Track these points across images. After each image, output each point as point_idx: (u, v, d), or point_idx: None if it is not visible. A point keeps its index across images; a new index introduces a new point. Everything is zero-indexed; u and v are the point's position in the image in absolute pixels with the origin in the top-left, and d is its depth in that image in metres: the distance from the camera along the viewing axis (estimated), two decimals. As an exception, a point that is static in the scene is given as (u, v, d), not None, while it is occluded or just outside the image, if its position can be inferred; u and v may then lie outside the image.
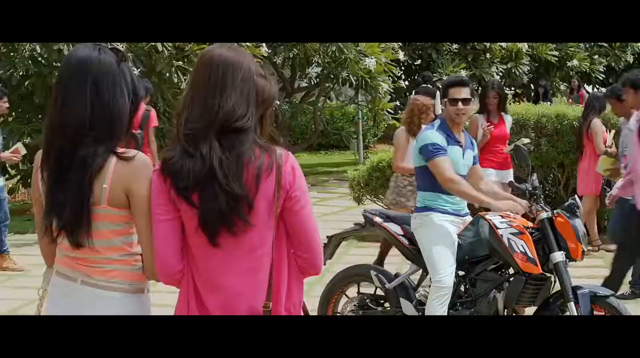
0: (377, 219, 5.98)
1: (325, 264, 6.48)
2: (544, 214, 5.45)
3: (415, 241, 5.77)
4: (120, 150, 2.85)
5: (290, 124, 17.88)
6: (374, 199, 11.03)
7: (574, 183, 10.01)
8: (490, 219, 5.47)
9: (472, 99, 5.67)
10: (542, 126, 10.07)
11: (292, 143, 17.84)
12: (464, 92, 5.63)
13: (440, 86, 6.57)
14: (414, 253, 5.78)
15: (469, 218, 5.71)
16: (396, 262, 7.93)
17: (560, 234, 5.38)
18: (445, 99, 5.69)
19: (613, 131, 9.51)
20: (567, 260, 5.37)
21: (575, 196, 5.72)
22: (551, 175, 10.28)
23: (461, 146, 5.68)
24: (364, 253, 9.48)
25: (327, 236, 6.34)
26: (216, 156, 2.66)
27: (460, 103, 5.60)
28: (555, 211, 5.48)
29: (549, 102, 15.46)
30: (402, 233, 5.86)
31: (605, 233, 10.25)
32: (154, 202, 2.79)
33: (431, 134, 5.61)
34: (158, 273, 2.84)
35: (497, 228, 5.42)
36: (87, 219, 2.81)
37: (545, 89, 18.02)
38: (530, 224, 5.56)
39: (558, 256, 5.32)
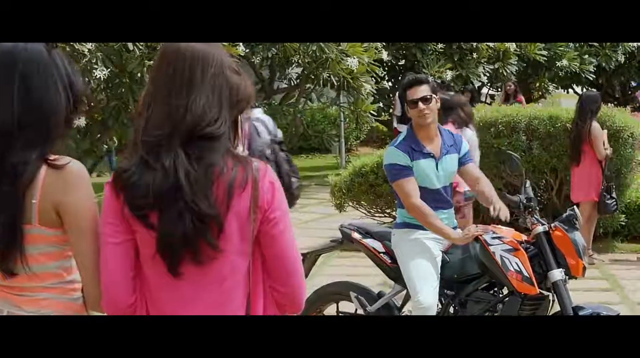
0: (356, 235, 5.61)
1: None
2: (540, 228, 5.11)
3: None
4: (52, 157, 2.42)
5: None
6: (357, 206, 10.72)
7: (568, 189, 9.70)
8: (481, 235, 5.10)
9: (434, 96, 5.27)
10: (534, 129, 9.72)
11: (272, 146, 17.54)
12: (422, 91, 5.24)
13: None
14: (396, 272, 5.40)
15: (458, 232, 5.31)
16: (375, 273, 7.53)
17: (558, 249, 5.04)
18: (406, 104, 5.31)
19: (605, 131, 9.18)
20: (567, 277, 5.02)
21: (574, 207, 5.37)
22: (543, 181, 9.95)
23: (433, 157, 5.27)
24: (347, 264, 9.14)
25: (302, 254, 5.86)
26: (182, 168, 2.27)
27: (420, 103, 5.21)
28: (552, 224, 5.13)
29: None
30: (383, 250, 5.49)
31: (601, 242, 9.97)
32: (104, 220, 2.38)
33: (392, 154, 5.27)
34: (105, 305, 2.43)
35: (489, 245, 5.06)
36: (21, 242, 2.39)
37: (472, 94, 16.67)
38: (524, 237, 5.21)
39: (557, 274, 4.97)
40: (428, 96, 5.24)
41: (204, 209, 2.28)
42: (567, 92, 23.38)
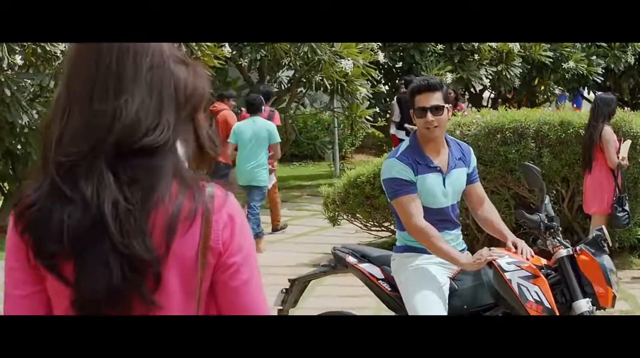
0: (350, 259, 5.18)
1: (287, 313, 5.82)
2: (563, 251, 4.73)
3: None
4: None
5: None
6: (351, 219, 10.35)
7: (580, 200, 9.30)
8: (494, 260, 4.65)
9: (446, 106, 4.78)
10: (544, 135, 9.30)
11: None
12: (434, 99, 4.73)
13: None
14: (397, 301, 4.97)
15: (467, 256, 4.87)
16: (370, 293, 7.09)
17: (584, 276, 4.69)
18: (412, 111, 4.82)
19: (629, 141, 8.71)
20: (594, 308, 4.69)
21: (603, 227, 4.98)
22: (554, 191, 9.52)
23: (440, 171, 4.81)
24: (338, 283, 8.63)
25: (289, 280, 5.55)
26: (108, 196, 1.74)
27: (429, 113, 4.70)
28: (577, 247, 4.76)
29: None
30: (383, 277, 5.05)
31: (617, 258, 9.53)
32: (6, 265, 1.86)
33: (393, 166, 4.78)
34: None
35: (504, 271, 4.62)
36: None
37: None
38: (543, 261, 4.79)
39: (583, 305, 4.61)
40: (439, 106, 4.74)
41: (138, 253, 1.75)
42: (574, 96, 23.11)
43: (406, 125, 12.98)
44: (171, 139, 1.81)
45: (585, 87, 21.45)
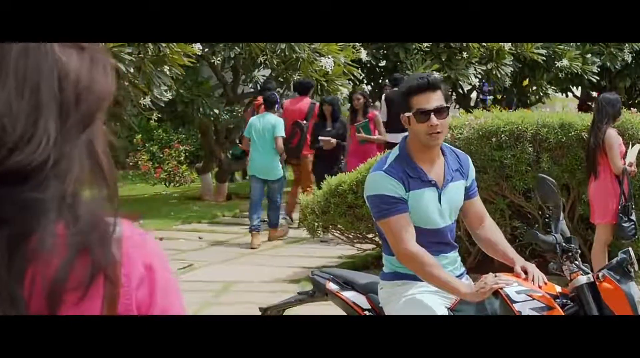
0: (332, 285, 4.77)
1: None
2: (582, 278, 4.29)
3: None
4: None
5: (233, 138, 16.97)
6: (332, 231, 9.94)
7: (582, 209, 8.98)
8: (501, 288, 4.18)
9: (449, 106, 4.26)
10: (543, 138, 8.92)
11: (236, 158, 16.95)
12: (436, 99, 4.18)
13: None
14: None
15: (469, 283, 4.40)
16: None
17: (607, 306, 4.27)
18: (408, 115, 4.21)
19: (638, 146, 8.30)
20: None
21: (629, 249, 4.47)
22: (553, 199, 9.05)
23: (435, 185, 4.28)
24: (323, 303, 8.15)
25: (260, 309, 5.16)
26: None
27: (432, 116, 4.13)
28: (599, 273, 4.33)
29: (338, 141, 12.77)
30: (369, 307, 4.62)
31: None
32: None
33: (380, 181, 4.22)
34: None
35: (513, 302, 4.15)
36: None
37: (333, 106, 13.45)
38: (558, 288, 4.35)
39: None
40: (443, 107, 4.20)
41: None
42: (567, 96, 22.84)
43: (321, 137, 12.38)
44: (52, 157, 1.24)
45: (579, 87, 21.21)
